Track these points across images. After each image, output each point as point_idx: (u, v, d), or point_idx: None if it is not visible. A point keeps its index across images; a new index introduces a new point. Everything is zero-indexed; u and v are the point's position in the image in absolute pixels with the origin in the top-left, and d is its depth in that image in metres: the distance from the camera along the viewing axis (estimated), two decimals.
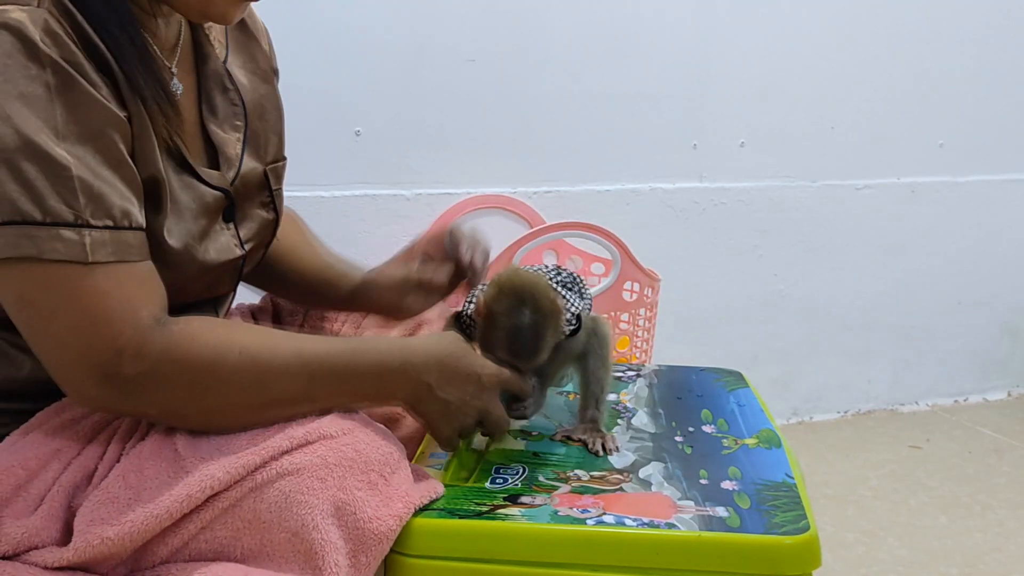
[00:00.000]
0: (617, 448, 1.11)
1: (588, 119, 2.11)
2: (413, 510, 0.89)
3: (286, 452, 0.85)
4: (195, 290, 1.02)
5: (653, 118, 2.16)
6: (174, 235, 0.93)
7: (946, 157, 2.45)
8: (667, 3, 2.11)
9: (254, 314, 1.30)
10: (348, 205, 1.97)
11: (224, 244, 1.02)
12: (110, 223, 0.82)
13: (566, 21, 2.05)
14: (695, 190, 2.24)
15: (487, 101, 2.03)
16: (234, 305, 1.29)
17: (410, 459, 0.99)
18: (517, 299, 1.03)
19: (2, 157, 0.78)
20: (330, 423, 0.89)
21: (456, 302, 1.18)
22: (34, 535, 0.83)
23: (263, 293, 1.32)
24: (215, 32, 1.07)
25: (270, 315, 1.31)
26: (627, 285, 1.86)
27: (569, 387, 1.29)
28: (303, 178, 1.91)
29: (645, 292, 1.86)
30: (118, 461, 0.87)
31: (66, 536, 0.84)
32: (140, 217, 0.86)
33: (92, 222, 0.81)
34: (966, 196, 2.49)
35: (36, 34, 0.80)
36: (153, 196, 0.90)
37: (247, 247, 1.06)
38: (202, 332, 0.86)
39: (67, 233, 0.79)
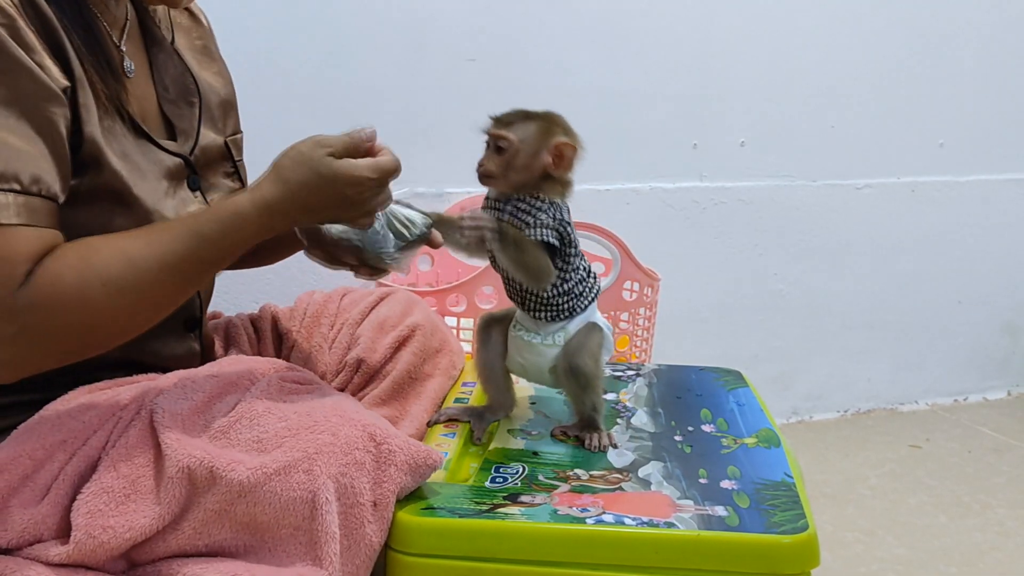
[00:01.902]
0: (614, 444, 1.11)
1: (588, 118, 2.08)
2: (408, 471, 0.90)
3: (264, 452, 0.86)
4: None
5: (653, 117, 2.16)
6: (140, 192, 0.95)
7: (946, 156, 2.45)
8: (667, 2, 2.11)
9: (253, 322, 1.32)
10: None
11: (193, 210, 1.04)
12: (16, 187, 0.83)
13: (566, 20, 2.05)
14: (695, 189, 2.24)
15: (487, 100, 2.01)
16: (234, 314, 1.32)
17: None
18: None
19: None
20: (299, 418, 0.89)
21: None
22: (40, 523, 0.85)
23: (261, 303, 1.35)
24: (160, 16, 1.11)
25: (269, 322, 1.33)
26: (627, 284, 1.86)
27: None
28: None
29: (645, 291, 1.86)
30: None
31: (70, 524, 0.85)
32: (55, 186, 0.87)
33: None
34: (966, 195, 2.49)
35: None
36: (98, 165, 0.91)
37: None
38: (60, 273, 0.85)
39: None
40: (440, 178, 2.03)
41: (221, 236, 0.91)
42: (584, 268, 1.15)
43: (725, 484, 1.00)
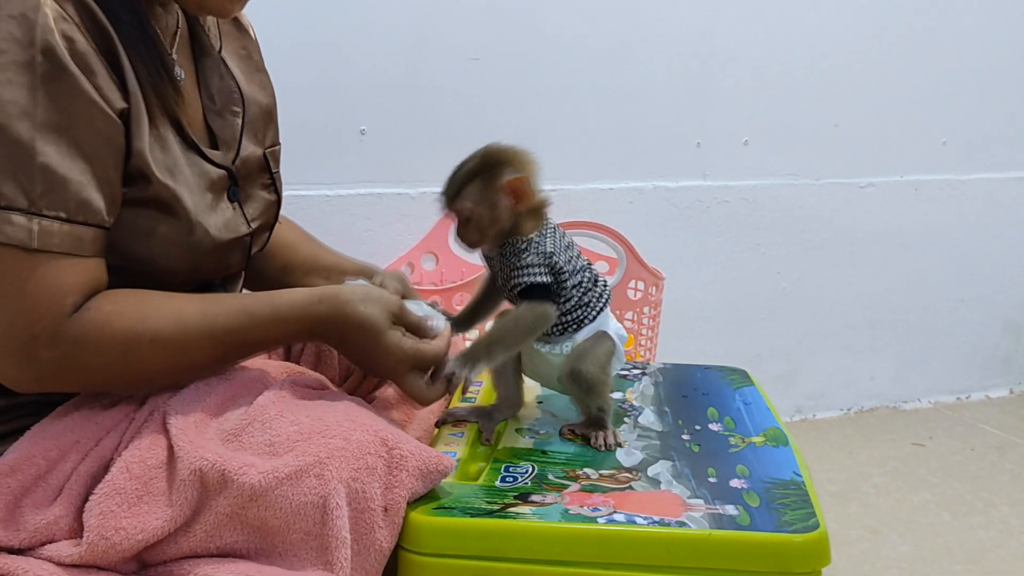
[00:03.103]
0: (620, 443, 1.11)
1: (591, 118, 2.11)
2: (420, 477, 0.91)
3: (276, 455, 0.87)
4: (209, 268, 1.04)
5: (656, 117, 2.16)
6: (187, 203, 0.96)
7: (949, 155, 2.46)
8: (670, 1, 2.12)
9: None
10: (353, 204, 1.97)
11: (232, 222, 1.05)
12: (63, 215, 0.84)
13: (569, 19, 2.05)
14: (698, 188, 2.24)
15: (491, 99, 2.03)
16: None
17: None
18: (477, 151, 1.10)
19: None
20: (311, 422, 0.90)
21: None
22: (52, 524, 0.85)
23: None
24: (209, 25, 1.11)
25: None
26: (632, 284, 1.86)
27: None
28: (309, 177, 1.91)
29: (649, 290, 1.86)
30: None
31: (83, 525, 0.85)
32: (102, 213, 0.88)
33: (45, 211, 0.83)
34: (969, 194, 2.50)
35: (39, 21, 0.82)
36: (145, 179, 0.92)
37: (254, 225, 1.10)
38: (114, 317, 0.88)
39: (17, 218, 0.82)
40: (443, 177, 2.03)
41: (269, 323, 0.96)
42: (587, 280, 1.15)
43: (735, 483, 1.00)
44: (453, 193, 1.09)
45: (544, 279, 1.09)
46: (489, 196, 1.08)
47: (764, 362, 2.37)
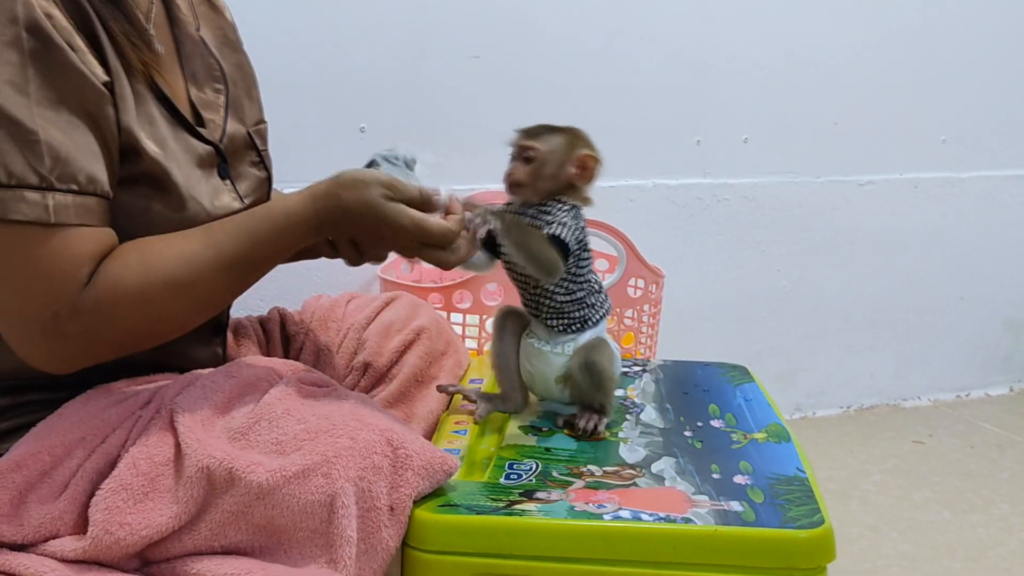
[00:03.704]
0: (600, 432, 1.12)
1: (591, 115, 2.11)
2: (424, 477, 0.91)
3: (283, 454, 0.87)
4: None
5: (656, 114, 2.16)
6: (177, 177, 0.96)
7: (949, 153, 2.46)
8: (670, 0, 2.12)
9: (262, 324, 1.33)
10: None
11: (225, 198, 1.06)
12: (75, 187, 0.85)
13: (568, 17, 2.05)
14: (698, 186, 2.24)
15: (491, 97, 2.03)
16: (242, 314, 1.34)
17: None
18: None
19: None
20: (318, 421, 0.90)
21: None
22: (57, 519, 0.85)
23: (268, 301, 1.35)
24: (183, 6, 1.12)
25: (278, 324, 1.34)
26: (632, 281, 1.86)
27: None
28: (308, 175, 1.88)
29: (650, 288, 1.86)
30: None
31: (87, 521, 0.85)
32: (106, 184, 0.88)
33: (57, 185, 0.84)
34: (968, 192, 2.50)
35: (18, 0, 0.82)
36: (135, 154, 0.93)
37: (247, 201, 1.10)
38: (123, 276, 0.88)
39: (31, 195, 0.82)
40: (445, 175, 2.02)
41: (273, 238, 0.95)
42: (595, 282, 1.17)
43: (738, 479, 1.00)
44: (534, 132, 1.14)
45: (572, 242, 1.11)
46: (563, 153, 1.13)
47: (764, 360, 2.37)
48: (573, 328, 1.15)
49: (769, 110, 2.26)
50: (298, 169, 1.88)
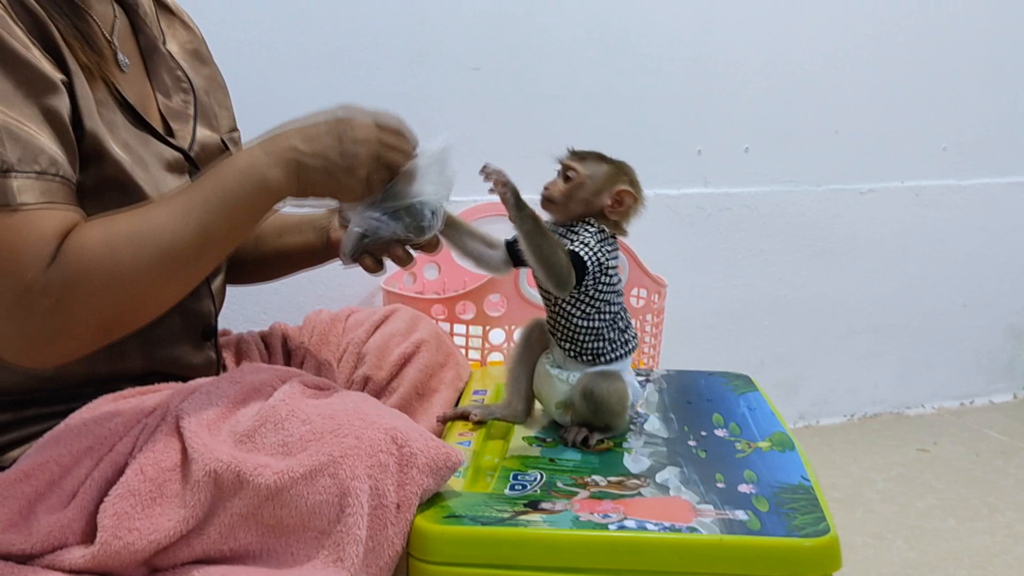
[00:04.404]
0: (590, 444, 1.12)
1: (592, 125, 2.11)
2: (430, 475, 0.91)
3: (290, 455, 0.87)
4: None
5: (657, 124, 2.17)
6: (143, 181, 0.96)
7: (950, 160, 2.46)
8: (670, 9, 2.12)
9: (264, 339, 1.33)
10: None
11: None
12: (36, 168, 0.85)
13: (569, 28, 2.06)
14: (700, 195, 2.24)
15: (491, 109, 2.04)
16: (245, 331, 1.35)
17: None
18: None
19: None
20: (323, 421, 0.90)
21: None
22: (66, 527, 0.85)
23: (269, 315, 1.35)
24: (149, 20, 1.13)
25: (280, 339, 1.34)
26: (634, 291, 1.86)
27: None
28: None
29: (652, 298, 1.86)
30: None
31: (96, 530, 0.85)
32: (69, 169, 0.88)
33: (18, 167, 0.84)
34: (970, 199, 2.50)
35: None
36: (99, 158, 0.93)
37: None
38: (86, 243, 0.86)
39: None
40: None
41: (229, 174, 0.92)
42: (619, 316, 1.16)
43: (743, 488, 1.00)
44: (581, 155, 1.15)
45: (588, 259, 1.10)
46: (602, 182, 1.13)
47: (767, 368, 2.36)
48: (584, 359, 1.15)
49: (770, 119, 2.26)
50: None
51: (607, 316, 1.14)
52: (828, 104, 2.30)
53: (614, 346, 1.15)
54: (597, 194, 1.13)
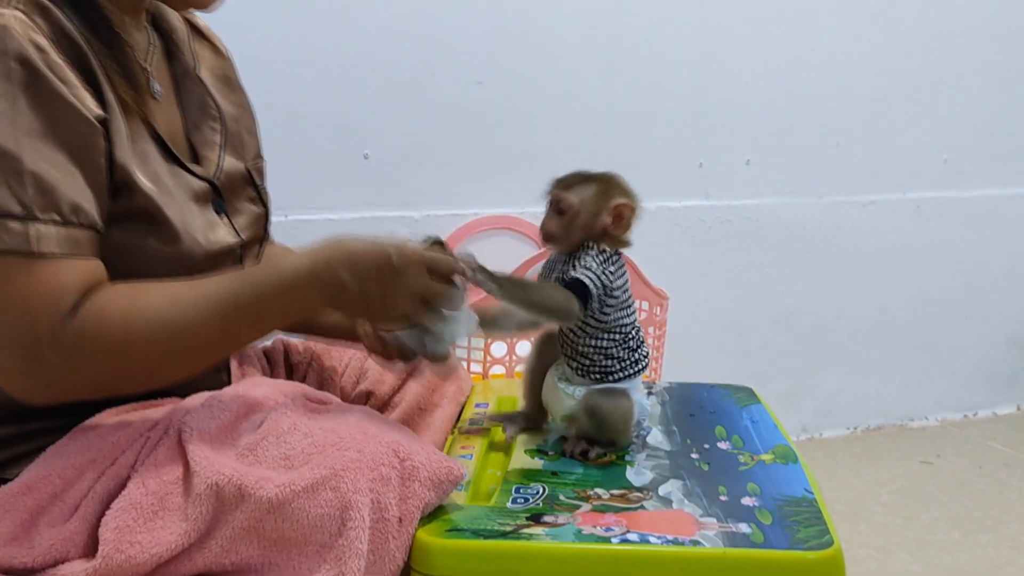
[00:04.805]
0: (589, 457, 1.12)
1: (594, 139, 2.12)
2: (432, 487, 0.91)
3: (292, 468, 0.87)
4: None
5: (658, 137, 2.17)
6: (171, 212, 0.96)
7: (951, 172, 2.47)
8: (672, 24, 2.13)
9: (266, 354, 1.33)
10: (357, 227, 1.98)
11: (221, 233, 1.05)
12: (57, 218, 0.85)
13: (571, 42, 2.06)
14: (701, 208, 2.24)
15: (494, 122, 2.04)
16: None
17: None
18: None
19: None
20: (325, 435, 0.90)
21: None
22: (68, 540, 0.85)
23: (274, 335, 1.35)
24: (184, 45, 1.13)
25: (282, 354, 1.34)
26: (636, 304, 1.86)
27: None
28: (312, 201, 1.92)
29: (654, 310, 1.87)
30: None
31: (98, 543, 0.85)
32: (94, 215, 0.88)
33: (39, 215, 0.83)
34: (971, 211, 2.50)
35: (7, 32, 0.83)
36: (129, 189, 0.92)
37: (243, 235, 1.09)
38: (107, 306, 0.86)
39: (13, 224, 0.82)
40: (448, 200, 2.04)
41: (265, 286, 0.92)
42: (631, 336, 1.16)
43: (746, 501, 1.00)
44: (567, 183, 1.12)
45: (591, 286, 1.09)
46: (596, 204, 1.11)
47: (769, 381, 2.36)
48: (592, 376, 1.15)
49: (770, 132, 2.26)
50: (302, 196, 1.90)
51: (617, 336, 1.14)
52: (829, 116, 2.31)
53: (623, 365, 1.15)
54: (595, 216, 1.11)
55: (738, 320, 2.33)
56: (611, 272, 1.11)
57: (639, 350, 1.17)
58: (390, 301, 0.95)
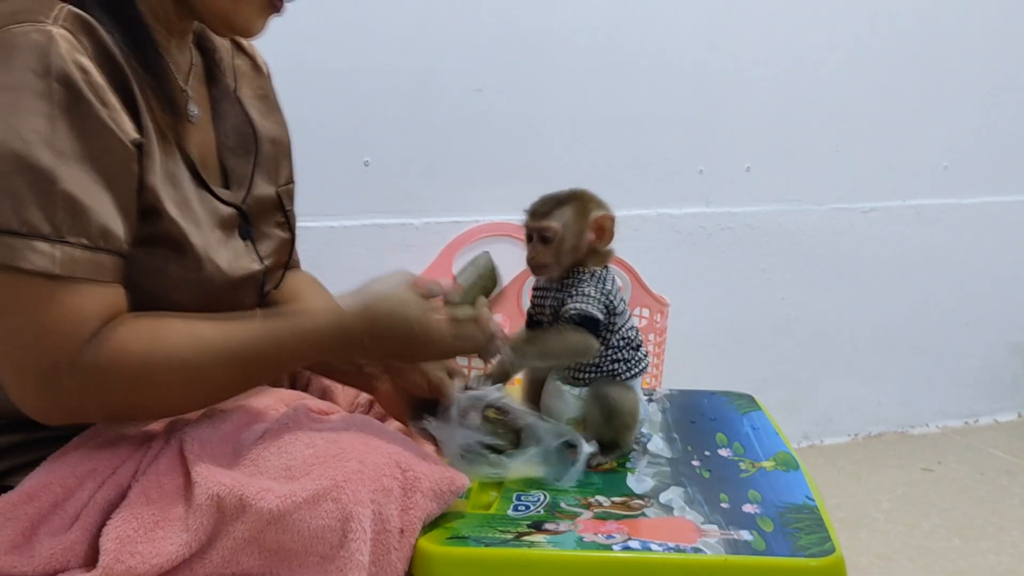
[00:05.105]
0: (590, 465, 1.12)
1: (594, 146, 2.12)
2: (433, 496, 0.91)
3: (293, 479, 0.87)
4: (221, 305, 1.03)
5: (659, 144, 2.18)
6: (196, 240, 0.95)
7: (951, 179, 2.47)
8: (672, 31, 2.13)
9: None
10: (357, 234, 1.98)
11: (244, 258, 1.04)
12: (85, 241, 0.84)
13: (571, 49, 2.07)
14: (702, 215, 2.24)
15: (494, 130, 2.05)
16: None
17: None
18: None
19: None
20: (326, 445, 0.90)
21: None
22: (68, 550, 0.85)
23: None
24: (225, 63, 1.11)
25: None
26: (637, 311, 1.86)
27: None
28: (313, 208, 1.91)
29: (655, 317, 1.87)
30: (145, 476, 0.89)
31: (98, 552, 0.85)
32: (121, 240, 0.88)
33: (68, 238, 0.83)
34: (971, 217, 2.50)
35: (52, 52, 0.82)
36: (156, 214, 0.92)
37: (267, 263, 1.09)
38: (129, 340, 0.86)
39: (41, 245, 0.82)
40: (449, 207, 2.04)
41: (288, 335, 0.94)
42: (633, 339, 1.16)
43: (747, 508, 1.00)
44: (544, 211, 1.12)
45: (598, 314, 1.11)
46: (577, 224, 1.12)
47: (770, 388, 2.36)
48: (599, 380, 1.15)
49: (771, 139, 2.27)
50: (303, 202, 1.88)
51: (622, 340, 1.15)
52: (829, 123, 2.31)
53: (628, 366, 1.15)
54: (579, 236, 1.12)
55: (739, 327, 2.33)
56: (609, 291, 1.13)
57: (640, 349, 1.18)
58: (416, 358, 1.01)
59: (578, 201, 1.13)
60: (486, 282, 1.10)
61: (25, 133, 0.81)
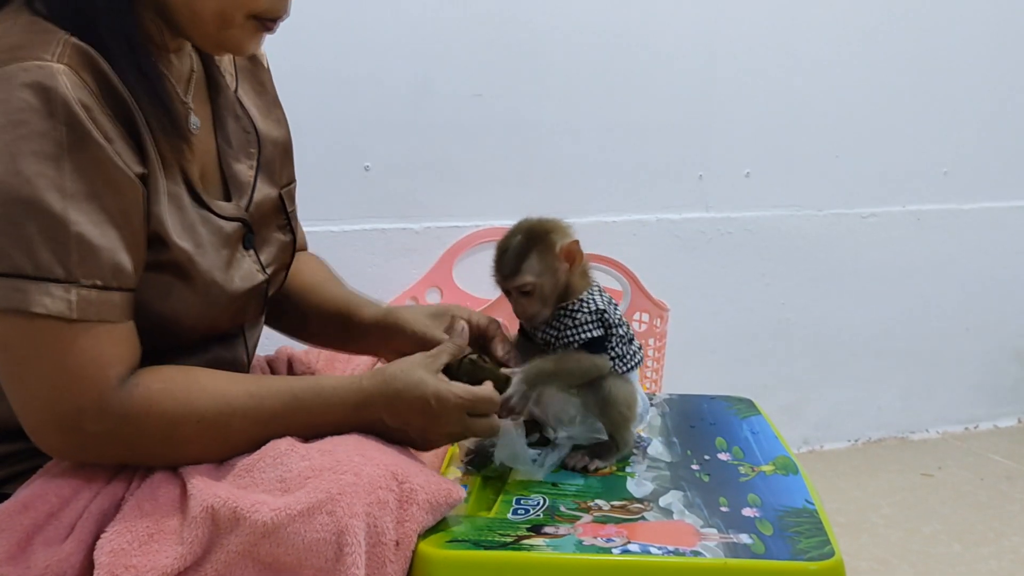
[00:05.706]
0: (590, 469, 1.11)
1: (594, 151, 2.12)
2: (430, 508, 0.91)
3: (288, 491, 0.86)
4: (225, 320, 1.04)
5: (659, 149, 2.18)
6: (202, 265, 0.96)
7: (951, 184, 2.47)
8: (671, 36, 2.14)
9: (270, 363, 1.32)
10: (357, 239, 1.98)
11: (248, 271, 1.04)
12: (99, 283, 0.84)
13: (570, 54, 2.07)
14: (701, 220, 2.25)
15: (494, 135, 2.05)
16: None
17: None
18: (514, 227, 1.13)
19: (5, 211, 0.81)
20: (322, 457, 0.89)
21: None
22: (64, 561, 0.85)
23: (276, 341, 1.34)
24: (224, 63, 1.11)
25: (285, 364, 1.33)
26: (636, 316, 1.86)
27: None
28: (313, 213, 1.91)
29: (654, 322, 1.87)
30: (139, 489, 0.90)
31: (94, 563, 0.84)
32: (132, 277, 0.88)
33: (82, 280, 0.83)
34: (971, 223, 2.50)
35: (55, 91, 0.82)
36: (162, 243, 0.92)
37: (269, 271, 1.09)
38: (160, 399, 0.88)
39: (55, 289, 0.82)
40: (448, 212, 2.04)
41: (315, 406, 0.96)
42: (626, 335, 1.17)
43: (747, 512, 1.00)
44: (512, 270, 1.11)
45: (597, 333, 1.11)
46: (548, 265, 1.11)
47: (770, 393, 2.36)
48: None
49: (770, 144, 2.27)
50: (303, 207, 1.87)
51: (619, 341, 1.15)
52: (829, 129, 2.31)
53: (623, 360, 1.15)
54: (553, 274, 1.11)
55: (738, 332, 2.33)
56: (601, 308, 1.12)
57: (633, 343, 1.18)
58: (430, 437, 1.01)
59: (538, 241, 1.11)
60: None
61: (33, 177, 0.81)
